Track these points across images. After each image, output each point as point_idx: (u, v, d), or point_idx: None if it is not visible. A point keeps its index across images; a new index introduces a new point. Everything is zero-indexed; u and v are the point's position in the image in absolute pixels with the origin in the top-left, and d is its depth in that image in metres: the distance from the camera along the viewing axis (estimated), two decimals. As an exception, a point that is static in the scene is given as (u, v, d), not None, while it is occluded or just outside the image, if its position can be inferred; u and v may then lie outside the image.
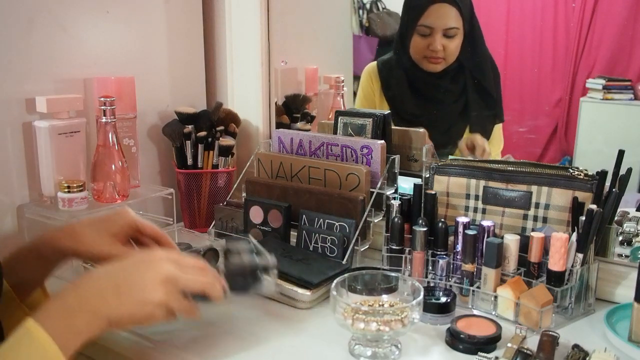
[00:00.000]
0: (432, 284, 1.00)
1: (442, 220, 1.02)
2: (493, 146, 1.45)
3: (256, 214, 1.18)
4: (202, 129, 1.32)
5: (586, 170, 1.00)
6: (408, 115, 1.47)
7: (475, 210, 1.08)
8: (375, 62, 1.57)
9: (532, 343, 0.82)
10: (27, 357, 0.64)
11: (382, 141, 1.13)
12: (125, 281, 0.70)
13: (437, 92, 1.50)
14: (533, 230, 1.01)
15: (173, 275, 0.71)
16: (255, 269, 0.82)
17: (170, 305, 0.71)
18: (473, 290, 0.97)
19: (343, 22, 1.69)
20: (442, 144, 1.38)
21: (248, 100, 1.40)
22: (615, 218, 1.02)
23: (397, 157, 1.14)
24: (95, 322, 0.68)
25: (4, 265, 0.80)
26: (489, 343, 0.84)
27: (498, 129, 1.46)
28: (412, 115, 1.45)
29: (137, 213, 1.33)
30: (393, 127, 1.23)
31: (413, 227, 1.01)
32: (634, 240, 1.07)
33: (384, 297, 0.88)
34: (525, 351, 0.79)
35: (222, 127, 1.35)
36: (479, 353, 0.82)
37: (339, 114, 1.25)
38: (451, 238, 1.02)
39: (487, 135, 1.45)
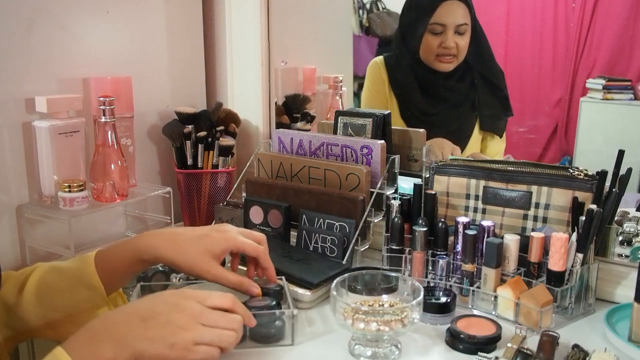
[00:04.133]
0: (432, 284, 1.00)
1: (442, 220, 1.02)
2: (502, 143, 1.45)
3: (256, 214, 1.18)
4: (202, 129, 1.32)
5: (586, 170, 1.00)
6: (418, 113, 1.47)
7: (475, 210, 1.08)
8: (382, 57, 1.54)
9: (532, 343, 0.82)
10: None
11: (382, 141, 1.13)
12: (153, 316, 0.69)
13: (445, 92, 1.50)
14: (533, 230, 1.01)
15: (198, 316, 0.71)
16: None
17: (202, 342, 0.70)
18: (473, 290, 0.97)
19: (343, 22, 1.69)
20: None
21: (248, 100, 1.40)
22: (615, 218, 1.02)
23: (397, 157, 1.14)
24: (121, 352, 0.66)
25: (100, 255, 0.85)
26: (489, 343, 0.84)
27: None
28: (422, 114, 1.45)
29: (136, 213, 1.35)
30: (393, 127, 1.23)
31: (413, 227, 1.01)
32: (634, 240, 1.07)
33: (384, 297, 0.88)
34: (525, 351, 0.79)
35: (222, 127, 1.35)
36: (479, 353, 0.82)
37: (338, 114, 1.25)
38: (451, 238, 1.02)
39: (500, 132, 1.45)
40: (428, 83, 1.48)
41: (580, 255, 0.92)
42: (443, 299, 0.94)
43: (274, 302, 0.88)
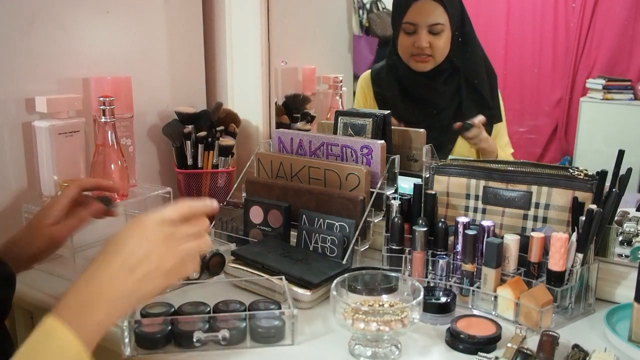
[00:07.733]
0: (432, 284, 1.00)
1: (442, 220, 1.02)
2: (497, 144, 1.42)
3: (256, 214, 1.18)
4: (202, 129, 1.32)
5: (586, 170, 1.00)
6: (400, 119, 1.45)
7: (475, 210, 1.08)
8: (369, 71, 1.57)
9: (532, 343, 0.82)
10: (51, 356, 0.61)
11: (382, 141, 1.13)
12: (135, 262, 0.66)
13: (428, 94, 1.48)
14: (533, 230, 1.01)
15: (171, 238, 0.69)
16: None
17: (184, 261, 0.70)
18: (473, 290, 0.97)
19: (343, 22, 1.69)
20: (435, 147, 1.37)
21: (248, 100, 1.40)
22: (615, 218, 1.02)
23: (397, 157, 1.14)
24: (115, 311, 0.66)
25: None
26: (489, 343, 0.84)
27: (499, 128, 1.42)
28: (404, 120, 1.43)
29: (136, 213, 1.34)
30: (393, 127, 1.23)
31: (413, 227, 1.01)
32: (634, 240, 1.07)
33: (384, 297, 0.88)
34: (525, 351, 0.79)
35: (222, 127, 1.35)
36: (479, 353, 0.82)
37: (338, 114, 1.25)
38: (451, 238, 1.02)
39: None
40: (411, 84, 1.47)
41: (580, 255, 0.92)
42: (443, 299, 0.94)
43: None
